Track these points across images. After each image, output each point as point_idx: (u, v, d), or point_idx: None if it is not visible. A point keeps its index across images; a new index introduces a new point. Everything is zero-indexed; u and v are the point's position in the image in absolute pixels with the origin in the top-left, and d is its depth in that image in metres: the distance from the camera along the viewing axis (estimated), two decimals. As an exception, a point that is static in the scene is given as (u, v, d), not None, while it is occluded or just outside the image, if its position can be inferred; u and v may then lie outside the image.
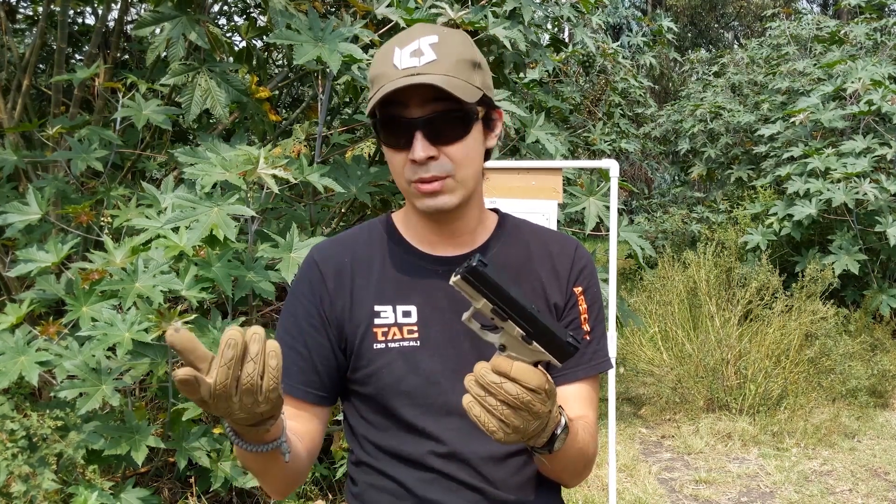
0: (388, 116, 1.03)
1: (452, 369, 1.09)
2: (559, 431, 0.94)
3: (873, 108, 5.52)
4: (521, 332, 0.87)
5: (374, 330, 1.09)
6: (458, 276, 0.85)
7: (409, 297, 1.11)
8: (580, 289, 1.16)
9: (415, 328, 1.10)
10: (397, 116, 1.02)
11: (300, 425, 1.09)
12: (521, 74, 4.14)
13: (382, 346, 1.09)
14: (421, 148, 1.01)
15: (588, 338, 1.16)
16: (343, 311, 1.11)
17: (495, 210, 1.22)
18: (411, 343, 1.09)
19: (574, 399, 1.14)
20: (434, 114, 1.02)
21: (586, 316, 1.16)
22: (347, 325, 1.10)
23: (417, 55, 1.01)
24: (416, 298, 1.11)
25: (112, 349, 2.19)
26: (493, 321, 0.88)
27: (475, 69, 1.06)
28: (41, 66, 3.69)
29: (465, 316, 0.90)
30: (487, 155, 1.13)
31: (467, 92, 1.02)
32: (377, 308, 1.10)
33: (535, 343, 0.87)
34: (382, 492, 1.11)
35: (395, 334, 1.09)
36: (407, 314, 1.10)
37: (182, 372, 0.74)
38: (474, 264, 0.84)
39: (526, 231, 1.20)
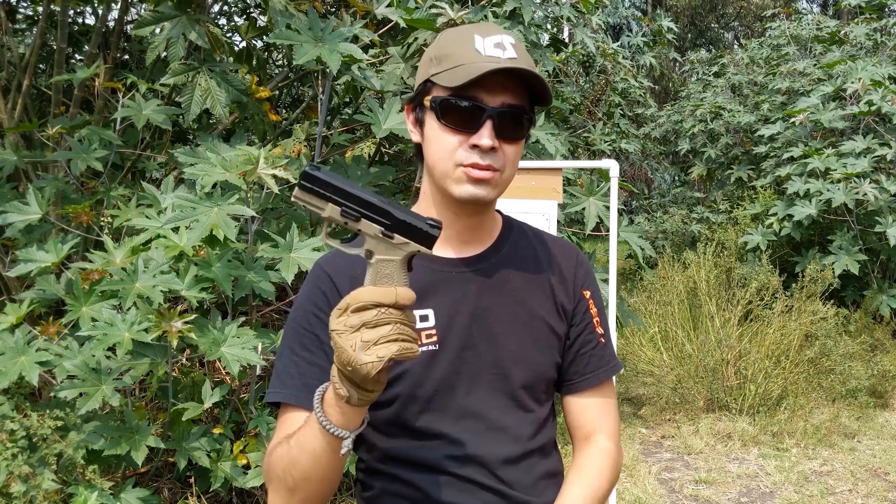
0: (463, 97, 1.03)
1: (469, 372, 1.09)
2: None
3: (873, 108, 5.52)
4: (379, 227, 0.84)
5: None
6: (296, 188, 0.82)
7: (425, 300, 1.10)
8: (588, 293, 1.18)
9: (433, 332, 1.09)
10: (473, 100, 1.03)
11: None
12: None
13: None
14: (489, 136, 1.03)
15: (602, 340, 1.18)
16: None
17: (497, 211, 1.23)
18: (430, 347, 1.08)
19: (594, 409, 1.17)
20: (508, 108, 1.04)
21: (598, 319, 1.18)
22: None
23: (500, 48, 1.03)
24: (432, 302, 1.10)
25: (112, 349, 2.19)
26: (347, 226, 0.84)
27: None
28: (41, 66, 3.68)
29: (322, 235, 0.87)
30: None
31: (546, 91, 1.05)
32: None
33: (397, 236, 0.85)
34: (398, 497, 1.10)
35: None
36: (424, 318, 1.09)
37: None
38: (306, 169, 0.81)
39: (530, 234, 1.22)
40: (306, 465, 0.95)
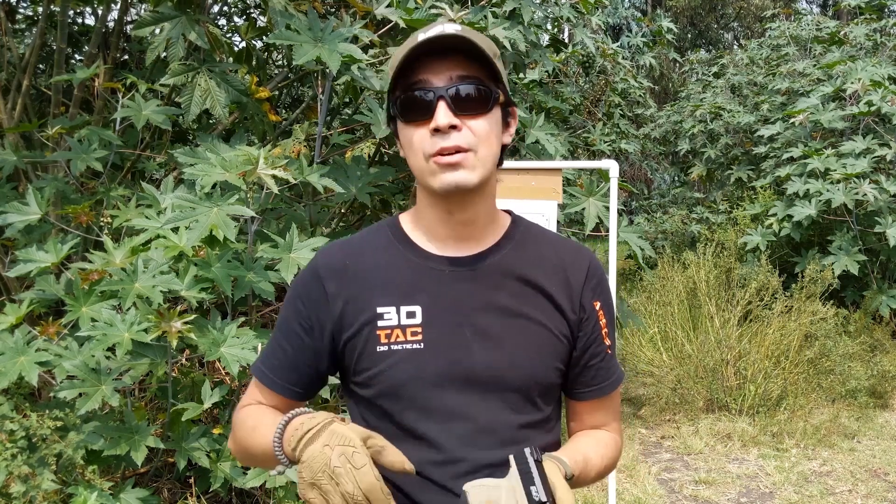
0: (410, 88, 1.02)
1: (458, 373, 1.07)
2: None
3: (873, 108, 5.53)
4: None
5: (378, 332, 1.07)
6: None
7: (414, 297, 1.08)
8: (598, 304, 1.15)
9: (419, 329, 1.07)
10: (420, 86, 1.02)
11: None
12: (521, 75, 4.14)
13: (385, 348, 1.07)
14: (444, 115, 1.00)
15: (609, 352, 1.17)
16: (343, 314, 1.09)
17: (508, 211, 1.20)
18: (415, 345, 1.07)
19: (602, 410, 1.20)
20: (459, 83, 1.01)
21: (606, 331, 1.16)
22: (347, 328, 1.09)
23: (440, 32, 1.02)
24: (421, 299, 1.08)
25: (112, 349, 2.19)
26: None
27: (496, 58, 1.06)
28: (41, 66, 3.69)
29: None
30: (502, 153, 1.11)
31: (492, 62, 1.03)
32: (380, 310, 1.08)
33: None
34: None
35: (398, 336, 1.07)
36: (411, 315, 1.08)
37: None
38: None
39: (539, 236, 1.18)
40: (257, 456, 1.10)
